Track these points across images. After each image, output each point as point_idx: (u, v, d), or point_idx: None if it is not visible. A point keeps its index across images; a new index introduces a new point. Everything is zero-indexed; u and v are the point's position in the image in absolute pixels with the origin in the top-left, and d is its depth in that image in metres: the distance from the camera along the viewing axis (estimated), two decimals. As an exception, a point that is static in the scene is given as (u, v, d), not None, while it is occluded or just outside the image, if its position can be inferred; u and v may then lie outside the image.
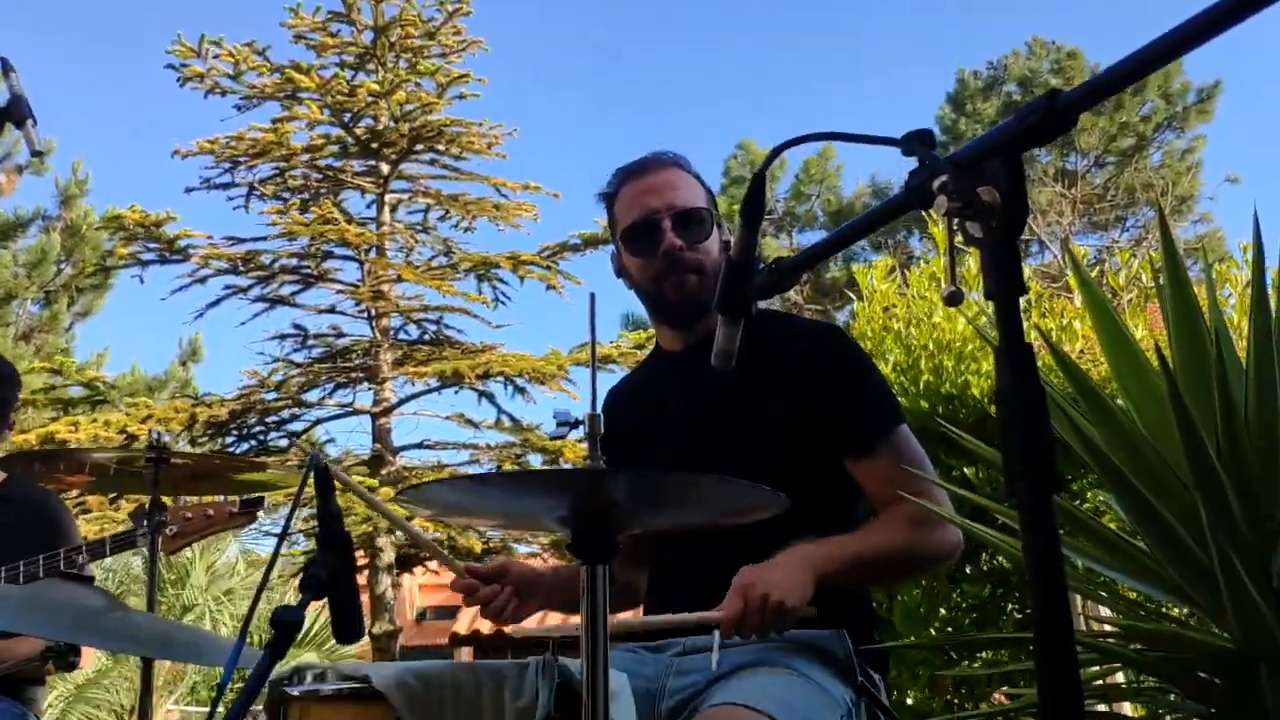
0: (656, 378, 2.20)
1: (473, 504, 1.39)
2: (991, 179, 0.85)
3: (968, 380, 4.50)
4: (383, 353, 12.76)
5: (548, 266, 12.91)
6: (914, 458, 1.91)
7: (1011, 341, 0.81)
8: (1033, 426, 0.77)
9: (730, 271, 1.23)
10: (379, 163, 13.26)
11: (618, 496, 1.28)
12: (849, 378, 1.97)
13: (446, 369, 12.02)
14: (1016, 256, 0.84)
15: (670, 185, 2.05)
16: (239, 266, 12.82)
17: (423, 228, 13.78)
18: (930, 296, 5.11)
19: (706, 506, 1.39)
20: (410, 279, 12.55)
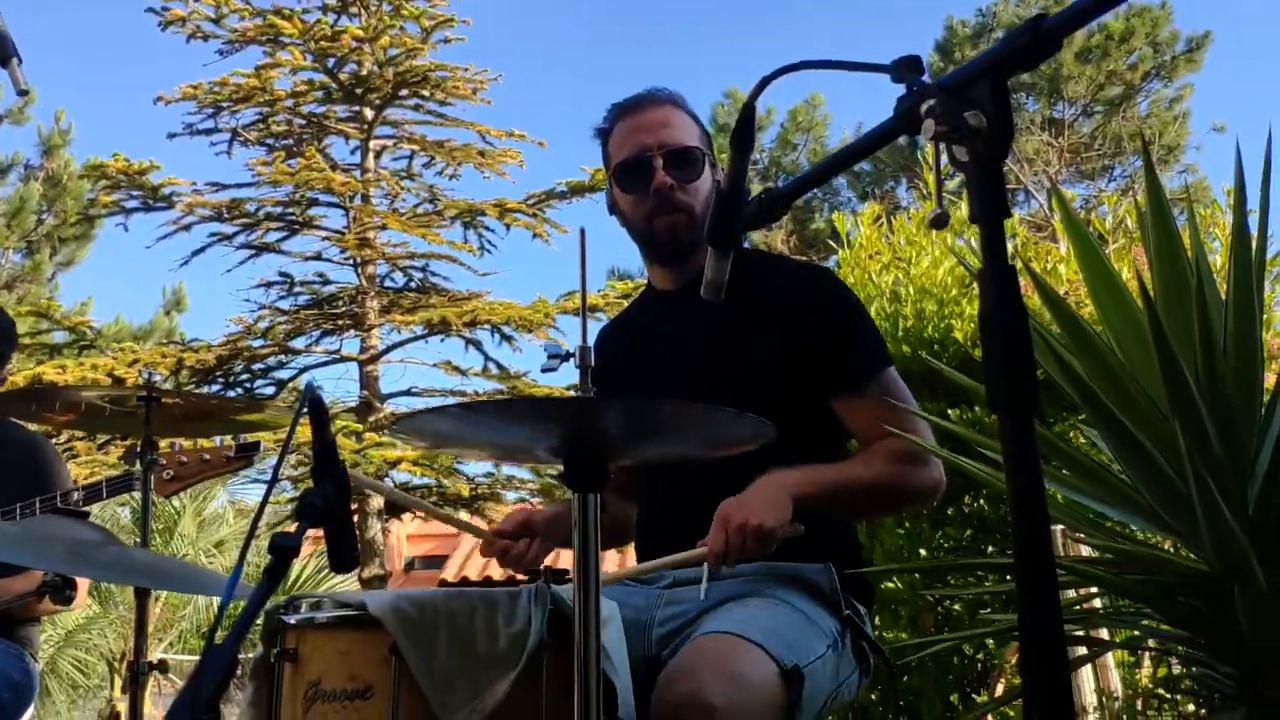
0: (648, 316, 2.21)
1: (465, 434, 1.41)
2: (978, 103, 0.86)
3: (950, 324, 4.53)
4: (369, 300, 12.71)
5: (534, 214, 12.84)
6: (900, 398, 1.94)
7: (995, 264, 0.83)
8: (1014, 345, 0.79)
9: (720, 202, 1.24)
10: (363, 108, 13.10)
11: (608, 425, 1.31)
12: (838, 318, 1.98)
13: (433, 316, 12.00)
14: (1001, 180, 0.85)
15: (663, 123, 2.05)
16: (223, 214, 12.71)
17: (408, 175, 13.65)
18: (919, 241, 5.12)
19: (695, 437, 1.41)
20: (396, 226, 12.47)
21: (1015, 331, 0.79)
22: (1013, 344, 0.79)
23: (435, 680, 1.42)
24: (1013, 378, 0.79)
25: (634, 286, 11.88)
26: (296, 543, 1.29)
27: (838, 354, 1.95)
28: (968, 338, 4.40)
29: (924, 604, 4.18)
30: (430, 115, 13.33)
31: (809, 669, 1.67)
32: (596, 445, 1.33)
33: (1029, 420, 0.80)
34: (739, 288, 1.64)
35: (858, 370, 1.95)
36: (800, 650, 1.68)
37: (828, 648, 1.79)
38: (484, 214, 12.78)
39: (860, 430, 1.98)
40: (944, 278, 4.77)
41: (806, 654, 1.70)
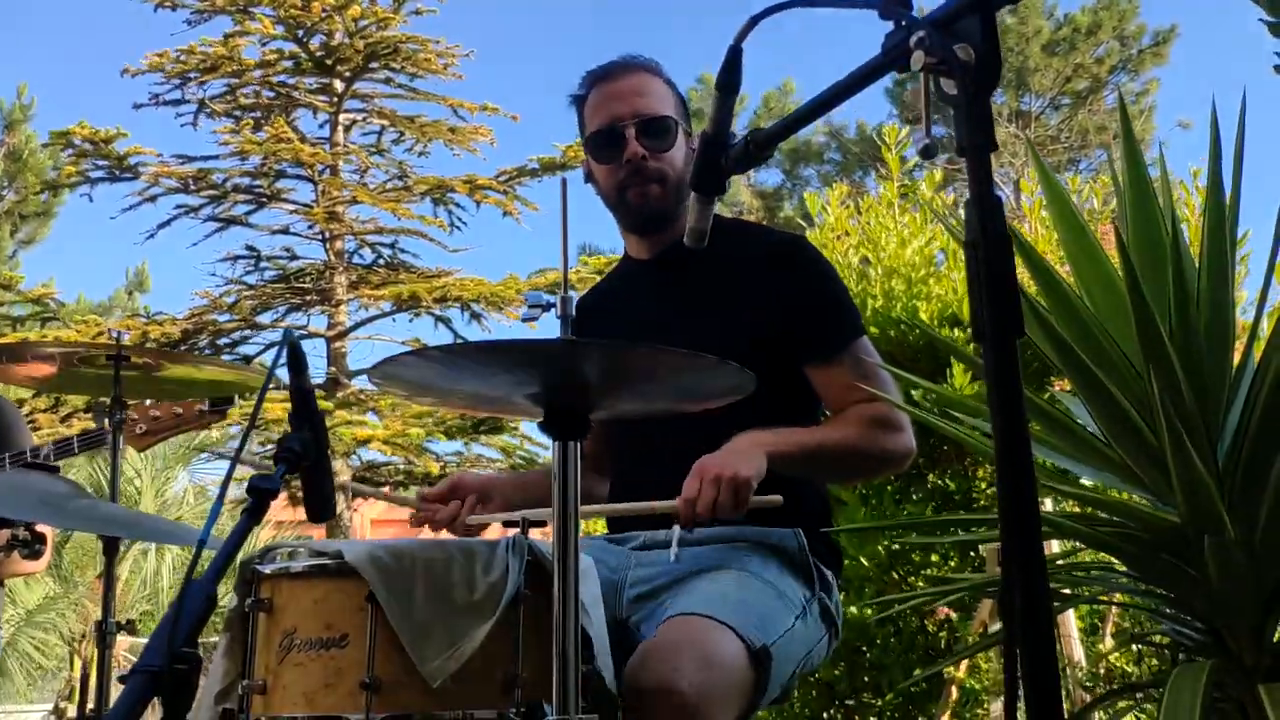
0: (625, 285, 2.21)
1: (443, 381, 1.40)
2: (967, 36, 0.87)
3: (917, 305, 4.56)
4: (337, 275, 12.64)
5: (505, 191, 12.80)
6: (873, 366, 1.95)
7: (982, 192, 0.84)
8: (999, 271, 0.80)
9: (705, 146, 1.24)
10: (333, 80, 12.99)
11: (589, 371, 1.31)
12: (813, 285, 1.99)
13: (402, 293, 11.96)
14: (989, 112, 0.86)
15: (637, 91, 2.04)
16: (190, 185, 12.58)
17: (377, 149, 13.56)
18: (886, 223, 5.16)
19: (674, 385, 1.41)
20: (365, 201, 12.40)
21: (999, 256, 0.80)
22: (996, 268, 0.80)
23: (412, 629, 1.42)
24: (996, 302, 0.80)
25: (606, 263, 11.87)
26: (276, 485, 1.28)
27: (812, 320, 1.96)
28: (934, 317, 4.44)
29: (890, 582, 4.22)
30: (401, 89, 13.25)
31: (777, 645, 1.69)
32: (577, 392, 1.33)
33: (1013, 348, 0.81)
34: (717, 254, 1.64)
35: (831, 337, 1.96)
36: (769, 627, 1.70)
37: (795, 619, 1.80)
38: (454, 190, 12.72)
39: (833, 397, 1.99)
40: (912, 257, 4.81)
41: (775, 630, 1.72)
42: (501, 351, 1.28)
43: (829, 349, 1.95)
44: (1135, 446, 1.67)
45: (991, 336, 0.79)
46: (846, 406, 1.94)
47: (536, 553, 1.49)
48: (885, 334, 4.40)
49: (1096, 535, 1.68)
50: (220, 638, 1.60)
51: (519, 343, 1.26)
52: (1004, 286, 0.79)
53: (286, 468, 1.35)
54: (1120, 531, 1.67)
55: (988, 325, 0.79)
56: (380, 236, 13.14)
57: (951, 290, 4.58)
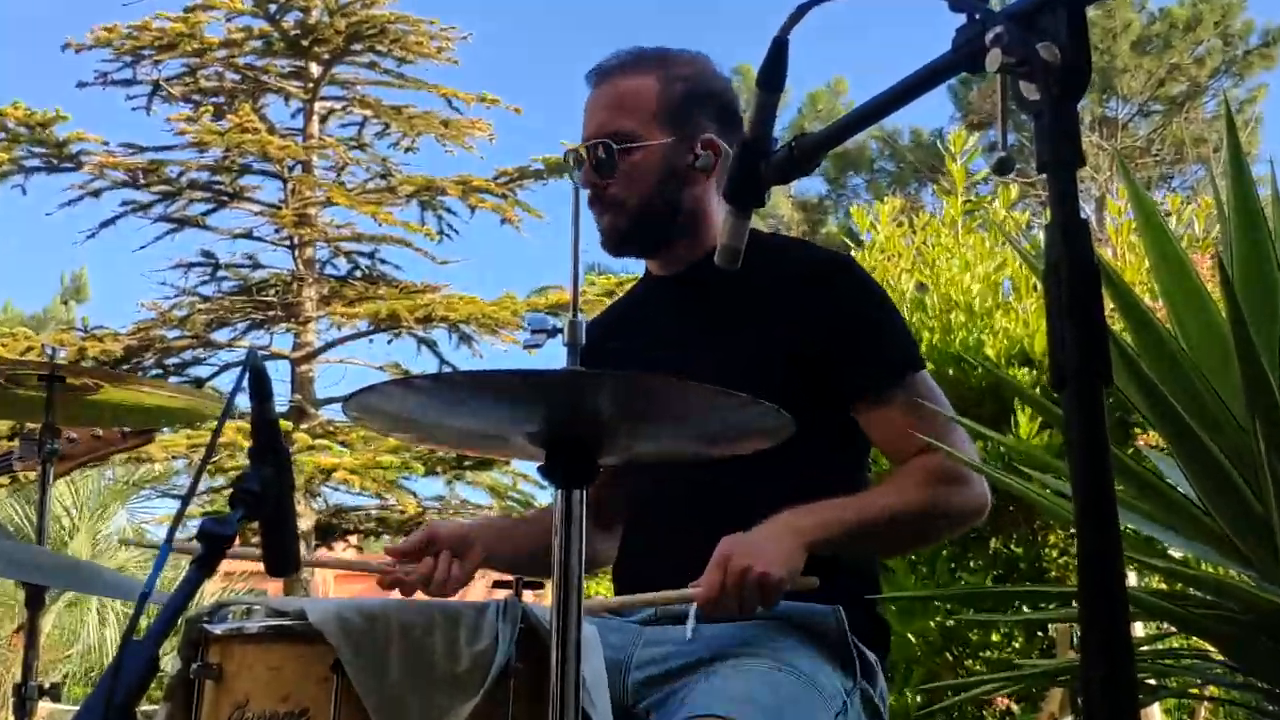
0: (642, 305, 2.23)
1: (429, 415, 1.41)
2: (1051, 33, 0.88)
3: (981, 339, 4.56)
4: (306, 288, 12.71)
5: (503, 195, 12.87)
6: (934, 403, 1.95)
7: (1066, 215, 0.84)
8: (1083, 300, 0.80)
9: (742, 152, 1.25)
10: (308, 63, 13.12)
11: (600, 406, 1.31)
12: (858, 308, 2.00)
13: (381, 310, 12.02)
14: (1075, 123, 0.87)
15: (601, 104, 2.10)
16: (139, 179, 12.69)
17: (357, 144, 13.67)
18: (947, 243, 5.17)
19: (699, 427, 1.41)
20: (341, 203, 12.49)
21: (1085, 285, 0.81)
22: (1082, 303, 0.80)
23: (385, 703, 1.41)
24: (1081, 344, 0.80)
25: (617, 283, 11.91)
26: (230, 531, 1.28)
27: (858, 348, 1.96)
28: (1000, 355, 4.44)
29: (942, 664, 4.20)
30: (387, 75, 13.37)
31: None
32: (585, 430, 1.34)
33: (1099, 397, 0.81)
34: (749, 271, 1.65)
35: (882, 372, 1.96)
36: None
37: (835, 716, 1.80)
38: (444, 193, 12.80)
39: (886, 443, 1.98)
40: (975, 285, 4.82)
41: None
42: (498, 382, 1.29)
43: (878, 384, 1.95)
44: (1236, 513, 1.66)
45: (1074, 383, 0.79)
46: (904, 453, 1.94)
47: (532, 619, 1.49)
48: (943, 373, 4.40)
49: (1188, 616, 1.66)
50: (160, 707, 1.60)
51: (518, 373, 1.26)
52: (1090, 325, 0.79)
53: (244, 511, 1.35)
54: (1216, 613, 1.65)
55: (1070, 370, 0.79)
56: (358, 244, 13.22)
57: (1021, 324, 4.59)
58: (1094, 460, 0.81)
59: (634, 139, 2.05)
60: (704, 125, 2.08)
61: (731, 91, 2.18)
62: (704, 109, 2.10)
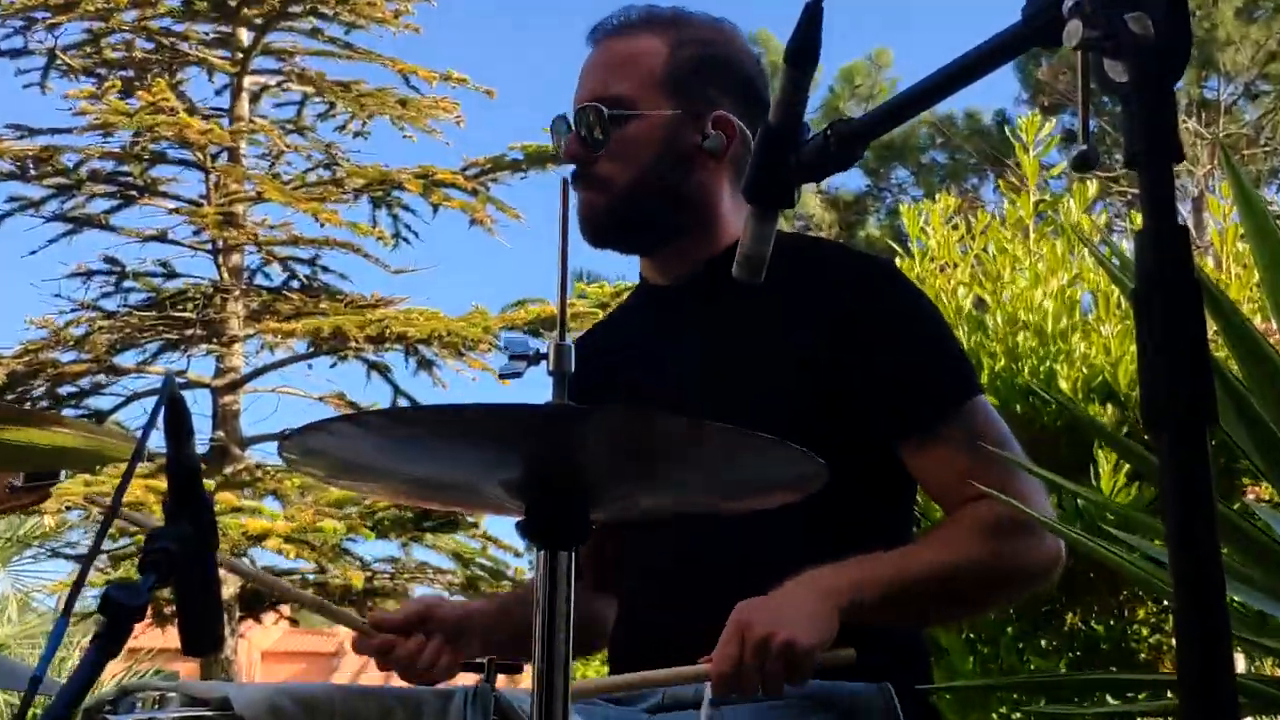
0: (636, 321, 2.25)
1: (383, 459, 1.41)
2: (1143, 3, 0.88)
3: (1054, 370, 4.57)
4: (232, 302, 12.72)
5: (473, 191, 12.91)
6: (995, 437, 1.95)
7: (1160, 221, 0.84)
8: (1184, 334, 0.80)
9: (767, 140, 1.26)
10: (236, 29, 13.18)
11: (593, 450, 1.31)
12: (904, 329, 2.01)
13: (322, 328, 12.02)
14: (1171, 108, 0.87)
15: (598, 66, 2.13)
16: (29, 169, 12.72)
17: (296, 127, 13.72)
18: (1013, 250, 5.18)
19: (713, 476, 1.42)
20: (276, 199, 12.52)
21: (1183, 307, 0.81)
22: (1179, 324, 0.81)
23: (326, 812, 1.42)
24: (1179, 378, 0.80)
25: (612, 293, 11.92)
26: (141, 601, 1.29)
27: (903, 378, 1.97)
28: (1078, 387, 4.44)
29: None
30: (332, 44, 13.43)
31: None
32: (573, 479, 1.34)
33: (1202, 441, 0.81)
34: (768, 282, 1.65)
35: (931, 402, 1.97)
36: None
37: None
38: (401, 187, 12.84)
39: (938, 489, 1.99)
40: (1048, 302, 4.83)
41: None
42: (467, 419, 1.29)
43: (928, 416, 1.96)
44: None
45: (1170, 427, 0.79)
46: (959, 500, 1.94)
47: (506, 708, 1.49)
48: (1009, 409, 4.40)
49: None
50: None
51: (491, 408, 1.26)
52: (1189, 357, 0.80)
53: (157, 577, 1.35)
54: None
55: (1164, 410, 0.79)
56: (295, 249, 13.24)
57: (1102, 351, 4.60)
58: (1194, 519, 0.81)
59: (630, 106, 2.07)
60: (718, 100, 2.10)
61: (758, 68, 2.20)
62: (720, 81, 2.12)
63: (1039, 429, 4.40)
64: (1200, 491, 0.82)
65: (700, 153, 2.08)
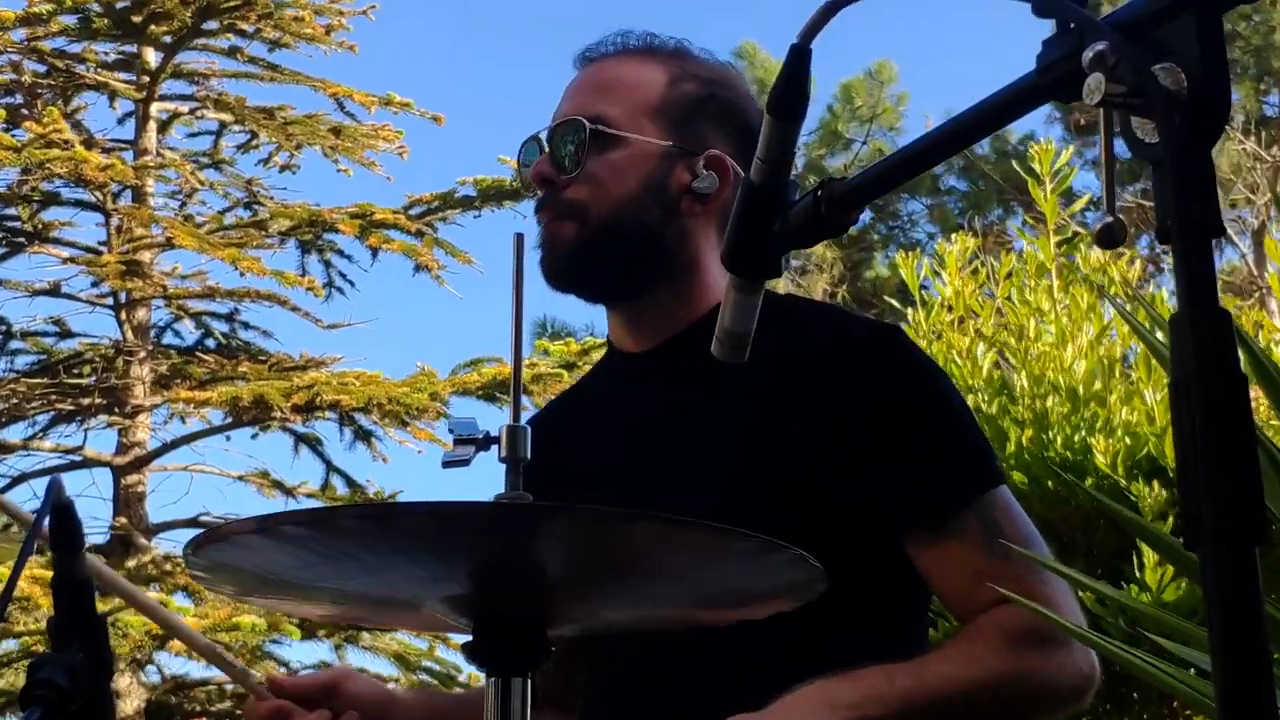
0: (602, 394, 2.26)
1: (306, 572, 1.41)
2: (1175, 50, 0.90)
3: (1089, 440, 4.56)
4: (136, 365, 12.68)
5: (418, 232, 12.92)
6: (1017, 534, 1.96)
7: (1197, 305, 0.85)
8: (1227, 431, 0.81)
9: (747, 199, 1.26)
10: (143, 48, 13.20)
11: (549, 555, 1.31)
12: (911, 407, 2.02)
13: (242, 395, 11.96)
14: (1210, 174, 0.88)
15: (584, 86, 2.18)
16: (-102, 212, 12.69)
17: (212, 161, 13.73)
18: (1037, 299, 5.19)
19: (694, 584, 1.41)
20: (188, 244, 12.48)
21: (1228, 409, 0.81)
22: (1222, 429, 0.81)
23: None
24: (1222, 486, 0.81)
25: (579, 351, 11.92)
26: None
27: (909, 465, 1.98)
28: (1120, 462, 4.43)
29: None
30: (254, 65, 13.45)
31: None
32: (529, 591, 1.34)
33: (1247, 556, 0.81)
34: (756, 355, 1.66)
35: (943, 492, 1.98)
36: None
37: None
38: (336, 229, 12.84)
39: (952, 593, 2.00)
40: (1079, 361, 4.83)
41: None
42: (403, 522, 1.29)
43: (938, 509, 1.96)
44: None
45: (1214, 542, 0.80)
46: (976, 606, 1.95)
47: None
48: (1039, 487, 4.41)
49: None
50: None
51: (431, 508, 1.26)
52: (1235, 464, 0.80)
53: (43, 712, 1.35)
54: None
55: (1208, 527, 0.80)
56: (211, 302, 13.22)
57: (1145, 417, 4.60)
58: (1244, 643, 0.81)
59: (616, 128, 2.08)
60: (714, 141, 2.12)
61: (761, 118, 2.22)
62: (719, 122, 2.15)
63: (1074, 510, 4.41)
64: (1249, 618, 0.82)
65: (688, 195, 2.09)
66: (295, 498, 12.64)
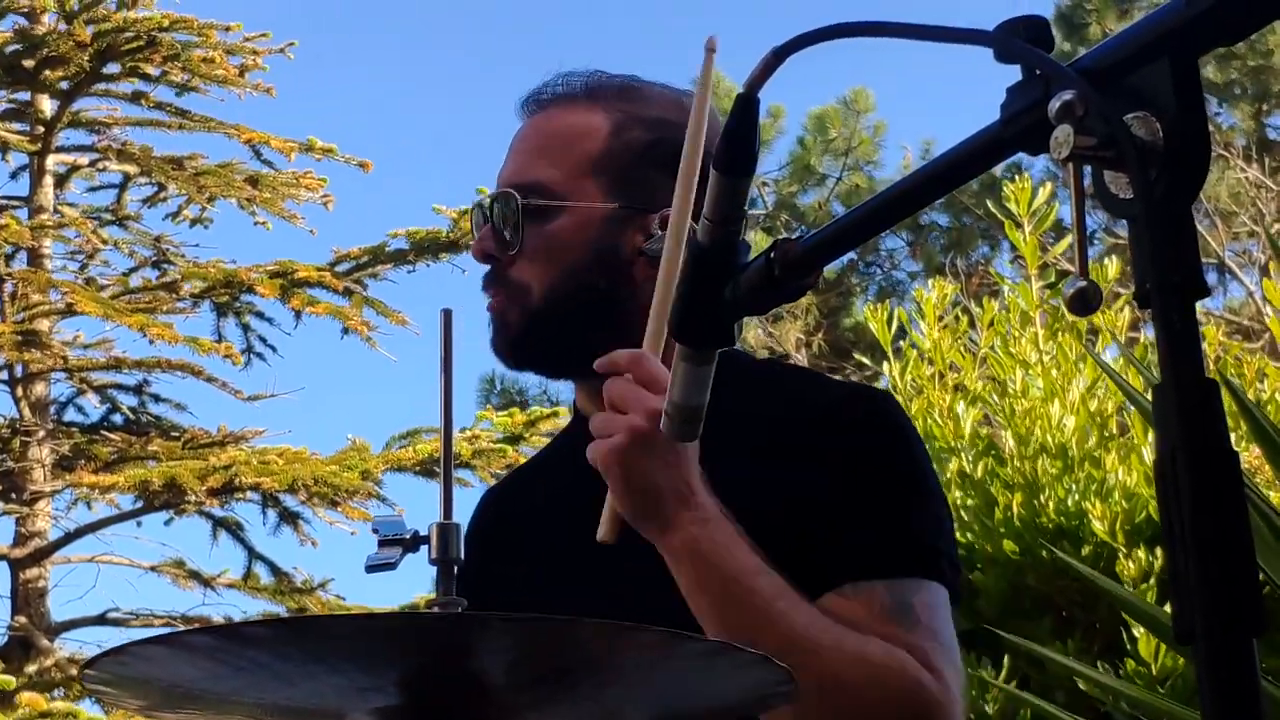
0: (561, 468, 2.26)
1: (220, 685, 1.40)
2: (1149, 101, 0.91)
3: (1085, 507, 4.57)
4: (34, 446, 12.60)
5: (345, 291, 12.91)
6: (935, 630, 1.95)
7: (1181, 373, 0.86)
8: (1217, 514, 0.81)
9: (695, 263, 1.27)
10: (36, 95, 13.20)
11: (490, 667, 1.31)
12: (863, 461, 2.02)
13: (152, 478, 11.90)
14: (1190, 232, 0.89)
15: (523, 144, 2.20)
16: None
17: (115, 217, 13.71)
18: (1019, 351, 5.21)
19: (649, 695, 1.41)
20: (90, 311, 12.44)
21: (1217, 489, 0.82)
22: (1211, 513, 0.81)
23: None
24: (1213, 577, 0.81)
25: (524, 421, 11.90)
26: None
27: (845, 512, 1.98)
28: (1118, 527, 4.43)
29: None
30: (160, 111, 13.45)
31: None
32: (465, 706, 1.33)
33: (1244, 649, 0.82)
34: (727, 423, 1.65)
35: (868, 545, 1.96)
36: None
37: None
38: (254, 290, 12.81)
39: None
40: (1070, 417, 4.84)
41: None
42: (326, 633, 1.28)
43: (859, 564, 1.95)
44: None
45: (1206, 642, 0.80)
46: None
47: None
48: (1032, 557, 4.41)
49: None
50: None
51: (353, 620, 1.26)
52: (1228, 555, 0.81)
53: None
54: None
55: (1200, 623, 0.80)
56: (117, 374, 13.17)
57: (1143, 478, 4.61)
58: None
59: (554, 196, 2.09)
60: (665, 192, 2.11)
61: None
62: (669, 171, 2.13)
63: (1072, 580, 4.42)
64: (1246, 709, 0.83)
65: (640, 258, 2.09)
66: (214, 588, 12.56)
